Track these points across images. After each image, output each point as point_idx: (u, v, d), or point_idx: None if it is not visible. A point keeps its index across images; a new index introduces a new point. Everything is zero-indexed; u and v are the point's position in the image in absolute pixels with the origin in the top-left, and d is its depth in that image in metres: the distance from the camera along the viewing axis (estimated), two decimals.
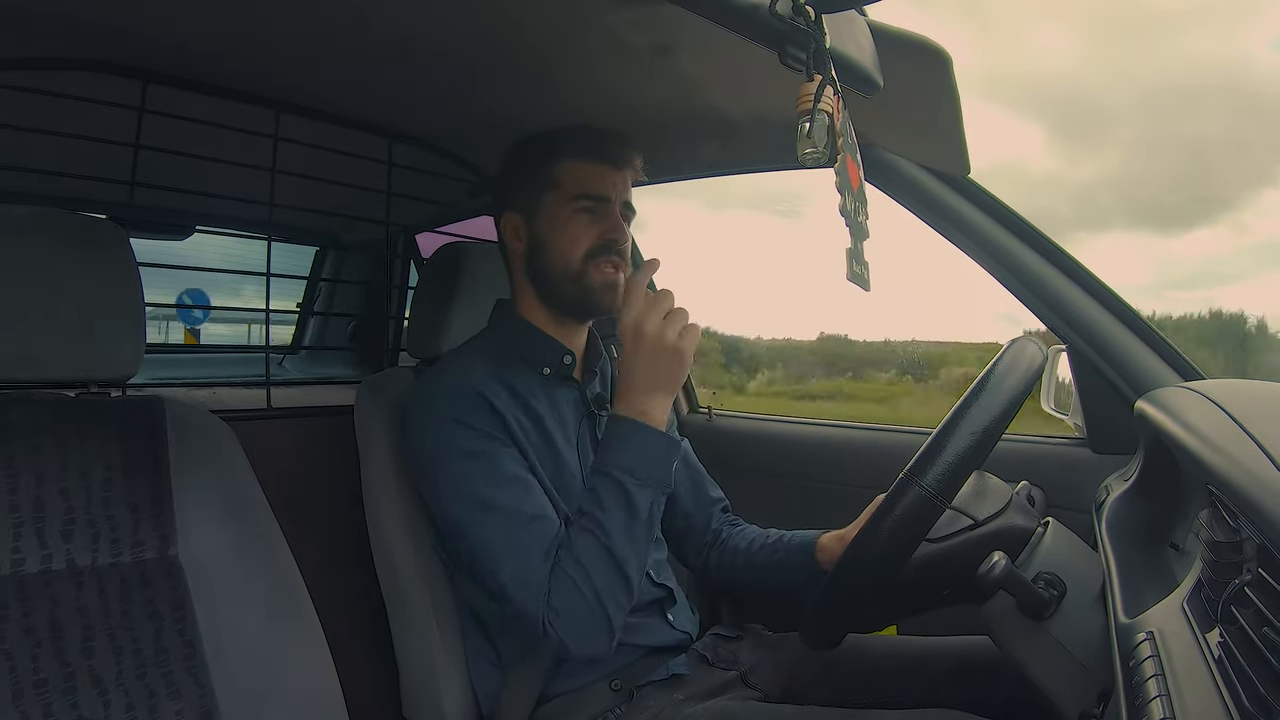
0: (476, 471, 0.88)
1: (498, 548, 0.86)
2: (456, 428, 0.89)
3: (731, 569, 1.12)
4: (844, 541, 1.01)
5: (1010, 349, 0.84)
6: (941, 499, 0.74)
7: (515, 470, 0.90)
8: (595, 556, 0.84)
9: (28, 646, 0.67)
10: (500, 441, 0.90)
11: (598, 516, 0.85)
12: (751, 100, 0.98)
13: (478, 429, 0.90)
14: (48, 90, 0.92)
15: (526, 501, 0.88)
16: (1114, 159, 11.09)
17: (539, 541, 0.85)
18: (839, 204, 0.65)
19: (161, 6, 0.83)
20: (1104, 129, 11.89)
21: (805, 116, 0.60)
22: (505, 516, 0.87)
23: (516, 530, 0.86)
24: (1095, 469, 1.05)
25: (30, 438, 0.74)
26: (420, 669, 0.99)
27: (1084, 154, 11.84)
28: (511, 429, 0.91)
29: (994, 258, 1.10)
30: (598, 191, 0.96)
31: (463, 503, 0.89)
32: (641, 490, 0.85)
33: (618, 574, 0.84)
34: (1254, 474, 0.52)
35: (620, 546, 0.84)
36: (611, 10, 0.75)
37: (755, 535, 1.13)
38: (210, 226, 1.65)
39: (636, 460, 0.86)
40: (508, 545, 0.86)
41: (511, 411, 0.92)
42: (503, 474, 0.89)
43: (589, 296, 0.97)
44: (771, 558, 1.08)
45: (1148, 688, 0.49)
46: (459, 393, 0.91)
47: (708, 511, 1.16)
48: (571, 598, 0.83)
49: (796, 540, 1.08)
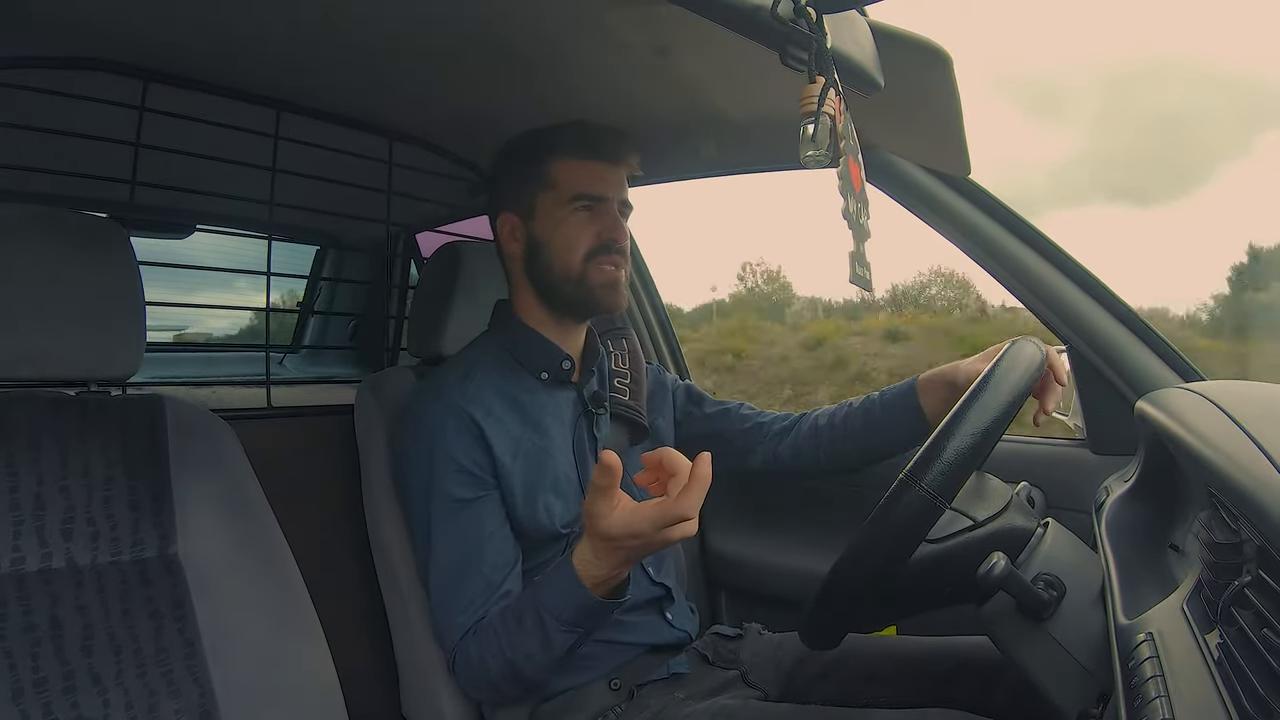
0: (440, 512, 0.92)
1: (435, 584, 0.92)
2: (437, 459, 0.92)
3: (816, 445, 1.08)
4: (948, 379, 1.00)
5: (1010, 349, 0.84)
6: (941, 500, 0.74)
7: (477, 518, 0.92)
8: (498, 655, 0.86)
9: (27, 645, 0.67)
10: (473, 480, 0.92)
11: (511, 631, 0.86)
12: (752, 100, 0.98)
13: (459, 465, 0.92)
14: (48, 89, 0.92)
15: (476, 552, 0.91)
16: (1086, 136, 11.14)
17: (470, 597, 0.90)
18: (841, 207, 0.65)
19: (162, 6, 0.83)
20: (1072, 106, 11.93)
21: (808, 119, 0.60)
22: (449, 562, 0.91)
23: (456, 578, 0.91)
24: (1095, 470, 1.05)
25: (30, 436, 0.74)
26: (420, 668, 0.99)
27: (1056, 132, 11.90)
28: (496, 455, 0.93)
29: (995, 258, 1.10)
30: (594, 191, 0.96)
31: (419, 535, 0.95)
32: (563, 634, 0.83)
33: (515, 675, 0.87)
34: (1254, 475, 0.52)
35: (522, 663, 0.86)
36: (612, 10, 0.75)
37: (834, 410, 1.10)
38: (211, 226, 1.65)
39: (571, 613, 0.82)
40: (442, 587, 0.92)
41: (502, 429, 0.94)
42: (462, 520, 0.92)
43: (590, 296, 0.97)
44: (867, 419, 1.06)
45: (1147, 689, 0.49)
46: (451, 416, 0.93)
47: (754, 421, 1.13)
48: (470, 660, 0.89)
49: (892, 393, 1.06)
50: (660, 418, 1.12)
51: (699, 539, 1.49)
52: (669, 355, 1.60)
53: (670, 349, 1.60)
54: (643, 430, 1.05)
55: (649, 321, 1.57)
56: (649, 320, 1.57)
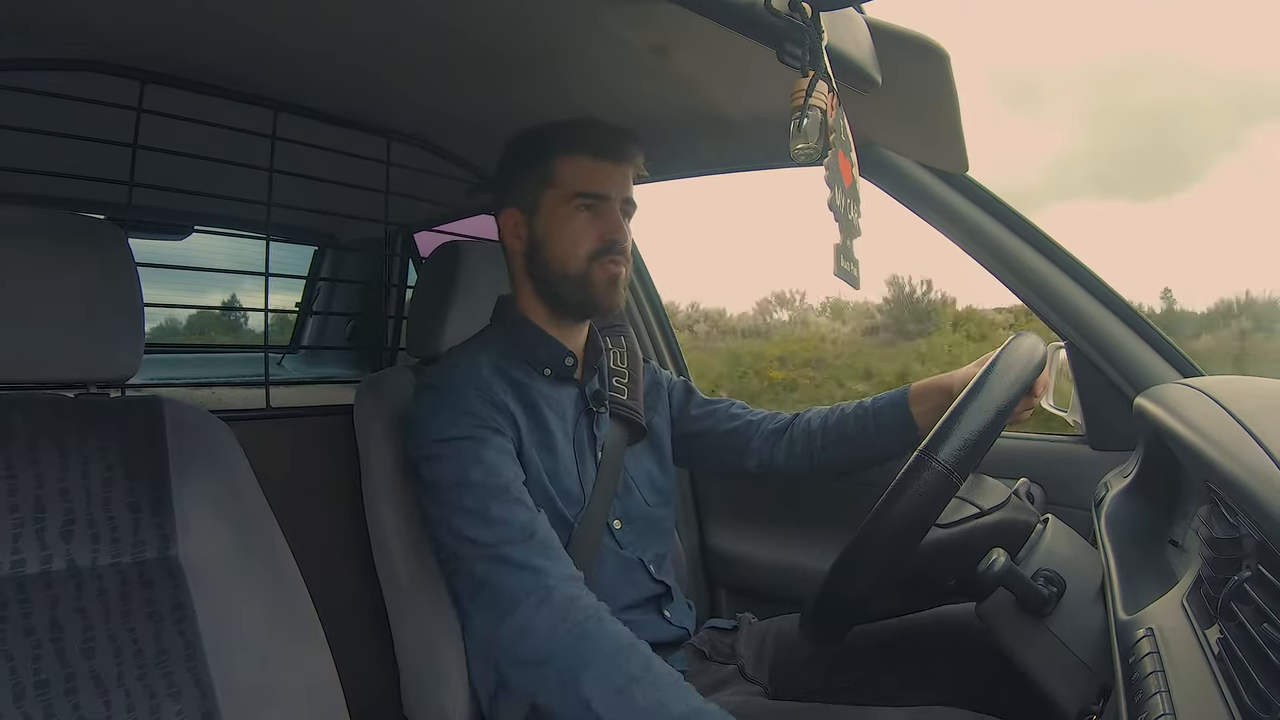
0: (469, 453, 0.87)
1: (474, 519, 0.85)
2: (461, 416, 0.89)
3: (809, 451, 1.09)
4: (943, 387, 1.00)
5: (1013, 340, 0.86)
6: (957, 475, 0.74)
7: (507, 460, 0.88)
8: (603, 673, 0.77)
9: (28, 647, 0.67)
10: (499, 436, 0.90)
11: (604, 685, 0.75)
12: (750, 98, 0.98)
13: (483, 420, 0.89)
14: (46, 91, 0.92)
15: (510, 486, 0.86)
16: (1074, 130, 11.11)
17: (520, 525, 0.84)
18: (828, 199, 0.65)
19: (159, 7, 0.82)
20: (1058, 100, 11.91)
21: (798, 113, 0.60)
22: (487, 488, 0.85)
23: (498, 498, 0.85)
24: (1095, 466, 1.05)
25: (30, 438, 0.74)
26: (420, 669, 0.99)
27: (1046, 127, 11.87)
28: (516, 420, 0.92)
29: (993, 255, 1.10)
30: (597, 190, 0.95)
31: (446, 486, 0.88)
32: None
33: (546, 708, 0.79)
34: (1253, 470, 0.52)
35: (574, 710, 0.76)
36: (610, 9, 0.75)
37: (826, 414, 1.10)
38: (209, 226, 1.65)
39: None
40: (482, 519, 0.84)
41: (514, 405, 0.93)
42: (493, 454, 0.87)
43: (591, 295, 0.97)
44: (860, 427, 1.06)
45: (1148, 684, 0.50)
46: (473, 385, 0.92)
47: (744, 419, 1.14)
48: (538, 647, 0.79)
49: (884, 401, 1.06)
50: (657, 416, 1.12)
51: (698, 536, 1.50)
52: (668, 353, 1.60)
53: (669, 348, 1.60)
54: (641, 430, 1.05)
55: (648, 321, 1.58)
56: (648, 319, 1.58)
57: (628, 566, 1.00)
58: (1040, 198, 9.42)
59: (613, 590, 0.97)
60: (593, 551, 0.96)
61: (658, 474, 1.08)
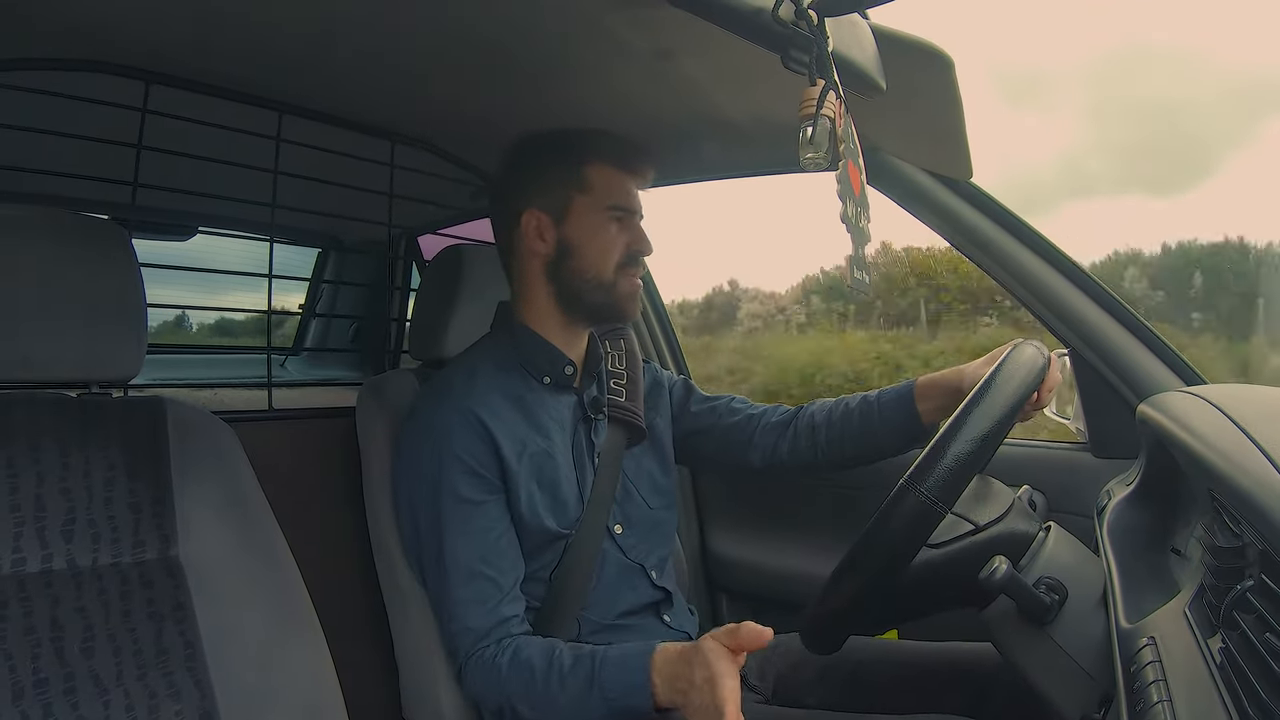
0: (450, 514, 0.91)
1: (443, 588, 0.91)
2: (446, 460, 0.91)
3: (813, 445, 1.08)
4: (952, 385, 0.99)
5: (1012, 353, 0.84)
6: (942, 505, 0.73)
7: (486, 521, 0.91)
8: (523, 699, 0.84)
9: (28, 646, 0.67)
10: (482, 482, 0.92)
11: (550, 682, 0.83)
12: (754, 103, 0.98)
13: (468, 466, 0.91)
14: (50, 91, 0.92)
15: (486, 555, 0.90)
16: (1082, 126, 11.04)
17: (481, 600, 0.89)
18: (840, 211, 0.65)
19: (165, 8, 0.83)
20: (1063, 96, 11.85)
21: (808, 121, 0.60)
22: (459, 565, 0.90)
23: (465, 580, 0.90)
24: (1097, 473, 1.05)
25: (31, 438, 0.74)
26: (420, 669, 0.99)
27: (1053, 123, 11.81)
28: (504, 456, 0.92)
29: (996, 261, 1.10)
30: (627, 204, 0.97)
31: (426, 537, 0.93)
32: (600, 705, 0.81)
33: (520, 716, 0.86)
34: (1256, 478, 0.52)
35: (541, 713, 0.84)
36: (614, 13, 0.75)
37: (831, 407, 1.09)
38: (212, 228, 1.65)
39: (619, 690, 0.80)
40: (450, 591, 0.91)
41: (508, 430, 0.93)
42: (473, 522, 0.91)
43: (614, 304, 0.98)
44: (865, 422, 1.05)
45: (1149, 693, 0.49)
46: (458, 416, 0.92)
47: (745, 414, 1.13)
48: (488, 681, 0.87)
49: (889, 395, 1.05)
50: (658, 417, 1.12)
51: (699, 541, 1.49)
52: (669, 354, 1.60)
53: (670, 348, 1.60)
54: (640, 432, 1.05)
55: (649, 321, 1.58)
56: (649, 319, 1.58)
57: (628, 572, 1.00)
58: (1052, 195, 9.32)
59: (612, 597, 0.97)
60: (593, 559, 0.96)
61: (659, 475, 1.08)
